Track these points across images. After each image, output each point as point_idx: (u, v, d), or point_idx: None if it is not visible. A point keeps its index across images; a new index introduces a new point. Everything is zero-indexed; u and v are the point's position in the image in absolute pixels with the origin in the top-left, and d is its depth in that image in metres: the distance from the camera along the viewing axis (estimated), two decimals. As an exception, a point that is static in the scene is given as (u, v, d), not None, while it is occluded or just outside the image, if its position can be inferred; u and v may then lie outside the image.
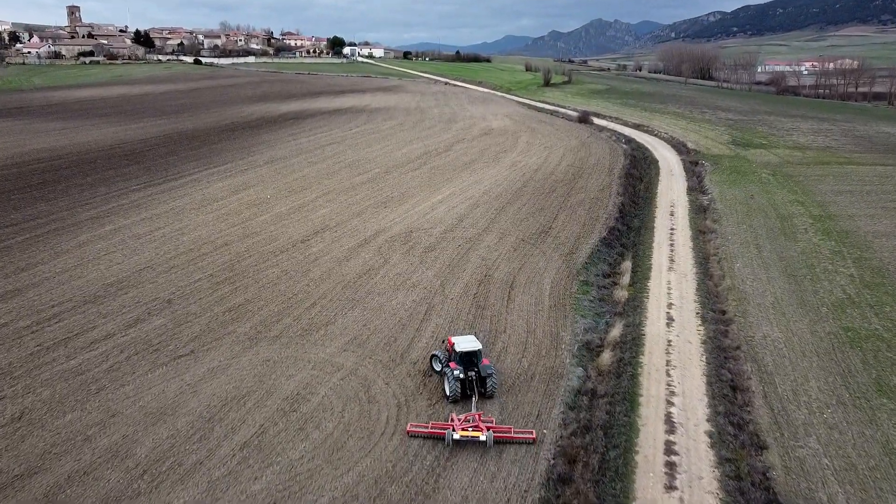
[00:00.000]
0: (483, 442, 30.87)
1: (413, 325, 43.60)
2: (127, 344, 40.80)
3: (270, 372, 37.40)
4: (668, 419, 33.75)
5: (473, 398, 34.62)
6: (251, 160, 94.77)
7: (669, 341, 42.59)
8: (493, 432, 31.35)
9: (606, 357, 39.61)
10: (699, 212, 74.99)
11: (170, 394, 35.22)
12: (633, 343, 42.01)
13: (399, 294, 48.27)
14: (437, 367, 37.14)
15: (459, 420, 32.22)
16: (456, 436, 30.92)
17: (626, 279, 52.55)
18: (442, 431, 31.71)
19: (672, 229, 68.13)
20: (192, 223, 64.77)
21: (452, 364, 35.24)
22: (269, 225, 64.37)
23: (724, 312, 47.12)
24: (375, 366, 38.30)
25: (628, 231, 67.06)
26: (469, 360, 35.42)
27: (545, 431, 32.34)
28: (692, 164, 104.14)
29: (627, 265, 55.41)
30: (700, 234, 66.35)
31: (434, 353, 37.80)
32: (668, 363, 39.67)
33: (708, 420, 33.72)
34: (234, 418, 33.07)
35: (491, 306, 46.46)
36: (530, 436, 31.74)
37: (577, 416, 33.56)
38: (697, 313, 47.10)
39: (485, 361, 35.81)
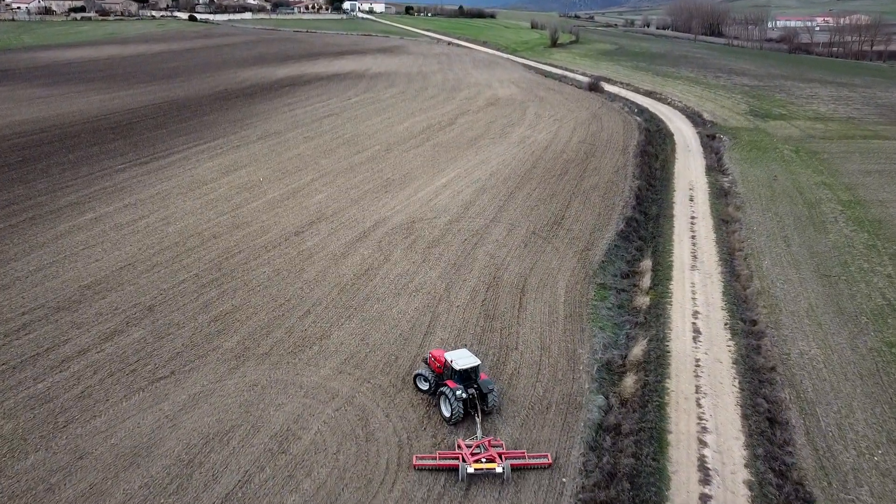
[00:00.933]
0: (500, 473, 28.20)
1: (416, 339, 39.75)
2: (102, 362, 37.09)
3: (258, 400, 33.74)
4: (702, 464, 30.14)
5: (477, 418, 31.79)
6: (244, 135, 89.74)
7: (697, 360, 38.77)
8: (509, 459, 28.86)
9: (629, 382, 35.85)
10: (720, 196, 70.44)
11: (146, 428, 31.63)
12: (657, 363, 38.20)
13: (400, 300, 44.33)
14: (424, 387, 34.07)
15: (468, 448, 29.49)
16: (470, 469, 28.16)
17: (646, 281, 48.49)
18: (452, 463, 28.92)
19: (693, 218, 63.74)
20: (179, 210, 60.47)
21: (451, 383, 32.20)
22: (261, 213, 60.07)
23: (754, 323, 43.22)
24: (374, 392, 34.61)
25: (646, 220, 62.68)
26: (468, 376, 32.54)
27: (564, 480, 28.79)
28: (709, 137, 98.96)
29: (647, 264, 51.25)
30: (723, 223, 62.00)
31: (418, 372, 34.47)
32: (697, 389, 35.92)
33: (746, 465, 30.11)
34: (216, 461, 29.50)
35: (501, 316, 42.54)
36: (545, 461, 29.26)
37: (599, 460, 29.97)
38: (726, 324, 43.18)
39: (482, 376, 33.10)
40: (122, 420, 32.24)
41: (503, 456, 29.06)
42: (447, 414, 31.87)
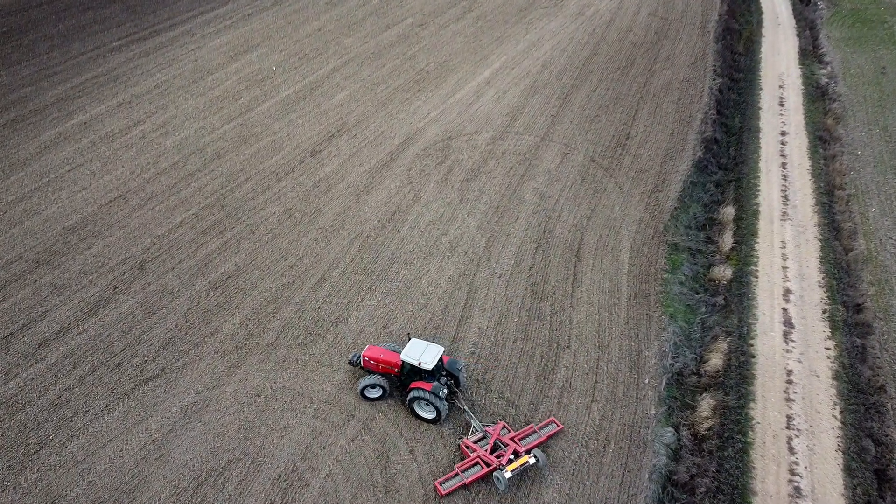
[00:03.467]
0: (535, 463, 26.27)
1: (447, 328, 33.31)
2: (83, 349, 31.93)
3: (260, 421, 28.54)
4: (795, 551, 24.60)
5: (463, 406, 28.62)
6: (257, -4, 77.56)
7: (789, 372, 31.94)
8: (523, 440, 27.17)
9: (705, 408, 29.54)
10: (816, 98, 58.78)
11: (129, 459, 26.95)
12: (739, 375, 31.55)
13: (432, 263, 37.38)
14: (377, 394, 29.46)
15: (479, 445, 26.83)
16: (508, 474, 25.37)
17: (727, 239, 40.29)
18: (479, 473, 25.71)
19: (783, 133, 53.22)
20: (180, 114, 52.22)
21: (422, 384, 27.89)
22: (272, 120, 51.53)
23: (859, 309, 35.61)
24: (396, 413, 29.07)
25: (727, 139, 52.45)
26: (437, 369, 28.75)
27: (624, 569, 23.68)
28: (803, 2, 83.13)
29: (729, 212, 42.60)
30: (820, 142, 51.63)
31: (368, 383, 29.15)
32: (788, 422, 29.50)
33: (850, 556, 24.49)
34: (209, 517, 24.95)
35: (551, 294, 35.52)
36: (556, 427, 27.93)
37: (667, 539, 24.60)
38: (824, 311, 35.62)
39: (444, 358, 29.63)
40: (103, 444, 27.56)
41: (516, 439, 26.96)
42: (431, 416, 28.27)
